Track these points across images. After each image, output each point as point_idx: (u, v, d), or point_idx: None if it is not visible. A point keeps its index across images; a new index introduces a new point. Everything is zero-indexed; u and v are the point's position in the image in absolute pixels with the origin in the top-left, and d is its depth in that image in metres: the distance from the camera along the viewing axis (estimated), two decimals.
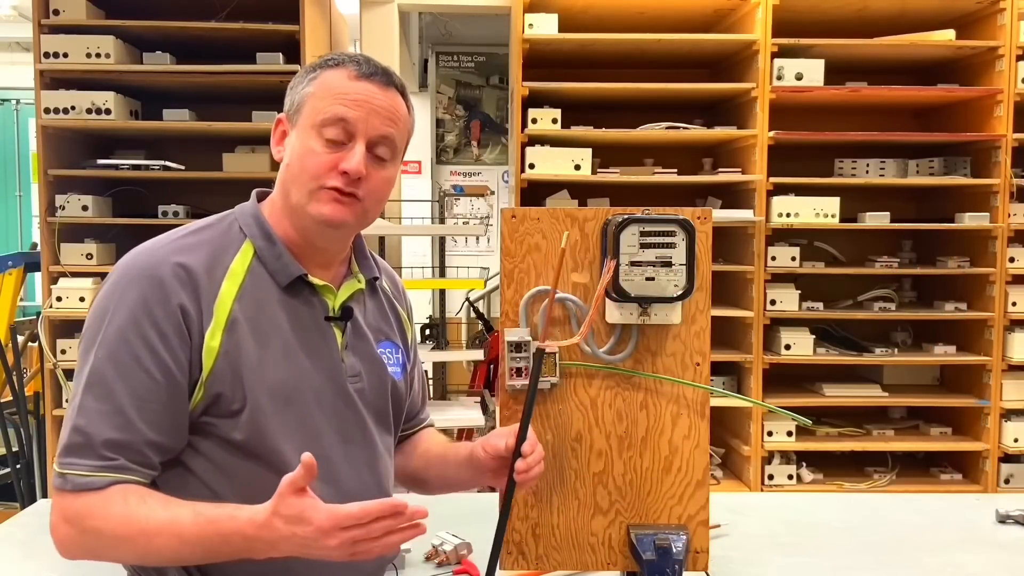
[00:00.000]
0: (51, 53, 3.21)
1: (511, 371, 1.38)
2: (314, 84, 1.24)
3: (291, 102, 1.27)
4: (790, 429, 3.41)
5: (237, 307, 1.20)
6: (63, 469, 1.14)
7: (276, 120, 1.29)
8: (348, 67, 1.24)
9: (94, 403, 1.14)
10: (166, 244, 1.22)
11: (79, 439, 1.14)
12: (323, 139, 1.21)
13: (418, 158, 6.59)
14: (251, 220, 1.27)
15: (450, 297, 3.97)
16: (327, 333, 1.28)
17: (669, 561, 1.34)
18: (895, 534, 1.84)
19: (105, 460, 1.13)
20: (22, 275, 3.80)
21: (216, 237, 1.25)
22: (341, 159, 1.21)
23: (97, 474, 1.13)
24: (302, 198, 1.23)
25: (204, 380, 1.17)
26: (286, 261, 1.25)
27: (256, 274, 1.23)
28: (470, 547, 1.65)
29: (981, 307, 3.43)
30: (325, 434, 1.25)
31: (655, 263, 1.35)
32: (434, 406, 3.60)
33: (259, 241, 1.25)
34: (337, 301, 1.30)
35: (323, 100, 1.22)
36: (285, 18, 3.26)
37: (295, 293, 1.26)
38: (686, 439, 1.41)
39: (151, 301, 1.15)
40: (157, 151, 3.56)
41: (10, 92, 7.29)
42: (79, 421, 1.14)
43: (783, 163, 3.35)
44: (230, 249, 1.24)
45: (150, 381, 1.15)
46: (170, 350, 1.16)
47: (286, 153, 1.26)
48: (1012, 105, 3.31)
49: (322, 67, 1.25)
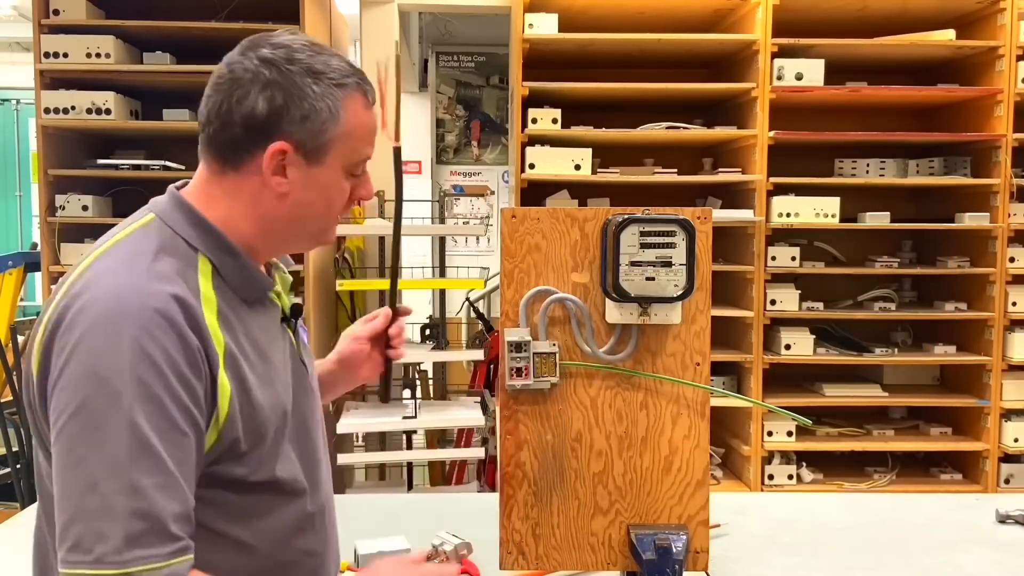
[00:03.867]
0: (51, 53, 3.21)
1: (511, 371, 1.38)
2: (343, 122, 1.11)
3: (308, 135, 1.10)
4: (790, 429, 3.41)
5: (226, 337, 1.07)
6: (130, 567, 0.94)
7: (275, 149, 1.09)
8: (360, 94, 1.14)
9: (148, 478, 0.96)
10: (144, 274, 1.04)
11: (144, 524, 0.95)
12: (350, 175, 1.16)
13: (418, 158, 6.59)
14: (195, 231, 1.11)
15: (450, 297, 3.96)
16: (285, 336, 1.22)
17: (669, 561, 1.34)
18: (895, 534, 1.84)
19: (176, 541, 0.97)
20: (22, 275, 3.80)
21: (172, 255, 1.08)
22: (355, 187, 1.18)
23: (176, 560, 0.97)
24: (321, 231, 1.19)
25: (221, 424, 1.05)
26: (254, 275, 1.15)
27: (223, 293, 1.10)
28: (470, 547, 1.65)
29: (981, 307, 3.43)
30: (310, 438, 1.23)
31: (655, 263, 1.35)
32: (434, 406, 3.60)
33: (218, 256, 1.11)
34: (284, 301, 1.23)
35: (358, 141, 1.14)
36: (285, 18, 3.26)
37: (258, 303, 1.17)
38: (686, 439, 1.41)
39: (170, 347, 1.00)
40: (157, 151, 3.56)
41: (10, 92, 7.29)
42: (139, 504, 0.95)
43: (783, 163, 3.35)
44: (190, 269, 1.08)
45: (186, 440, 1.01)
46: (195, 400, 1.02)
47: (300, 188, 1.12)
48: (1012, 105, 3.31)
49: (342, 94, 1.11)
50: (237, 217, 1.13)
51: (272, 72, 1.09)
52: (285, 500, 1.16)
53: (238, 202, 1.13)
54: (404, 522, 1.76)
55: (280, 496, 1.15)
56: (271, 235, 1.16)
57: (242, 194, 1.13)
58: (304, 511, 1.18)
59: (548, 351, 1.38)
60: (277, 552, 1.15)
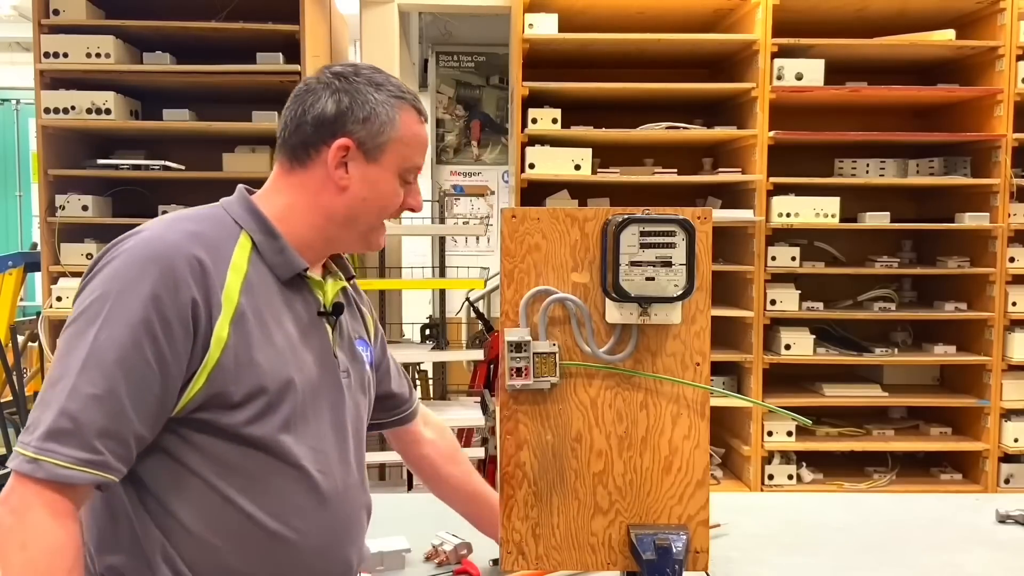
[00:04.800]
0: (51, 53, 3.21)
1: (511, 371, 1.38)
2: (399, 127, 1.28)
3: (370, 135, 1.26)
4: (790, 429, 3.41)
5: (243, 299, 1.19)
6: (39, 454, 1.06)
7: (341, 145, 1.26)
8: (416, 112, 1.31)
9: (89, 387, 1.08)
10: (175, 231, 1.19)
11: (66, 424, 1.07)
12: (403, 181, 1.30)
13: None
14: (245, 214, 1.27)
15: (450, 297, 3.97)
16: (320, 328, 1.31)
17: (669, 561, 1.34)
18: (895, 534, 1.84)
19: (92, 452, 1.08)
20: (22, 275, 3.80)
21: (214, 227, 1.24)
22: (406, 195, 1.32)
23: (80, 468, 1.07)
24: (370, 230, 1.31)
25: (209, 370, 1.15)
26: (289, 256, 1.26)
27: (257, 267, 1.23)
28: (470, 547, 1.65)
29: (981, 307, 3.43)
30: (323, 427, 1.28)
31: (655, 263, 1.35)
32: (434, 406, 3.60)
33: (258, 235, 1.25)
34: (328, 297, 1.32)
35: (411, 148, 1.29)
36: (285, 18, 3.26)
37: (293, 287, 1.27)
38: (686, 439, 1.41)
39: (163, 290, 1.12)
40: (157, 151, 3.56)
41: (10, 92, 7.29)
42: (69, 405, 1.07)
43: (783, 163, 3.35)
44: (228, 241, 1.23)
45: (148, 371, 1.11)
46: (171, 342, 1.12)
47: (358, 184, 1.27)
48: (1012, 105, 3.31)
49: (398, 104, 1.29)
50: (297, 209, 1.28)
51: (341, 82, 1.28)
52: (285, 469, 1.21)
53: (301, 195, 1.28)
54: (404, 522, 1.76)
55: (279, 463, 1.20)
56: (327, 228, 1.29)
57: (306, 188, 1.28)
58: (305, 489, 1.23)
59: (548, 351, 1.38)
60: (272, 522, 1.20)
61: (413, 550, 1.66)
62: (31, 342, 4.03)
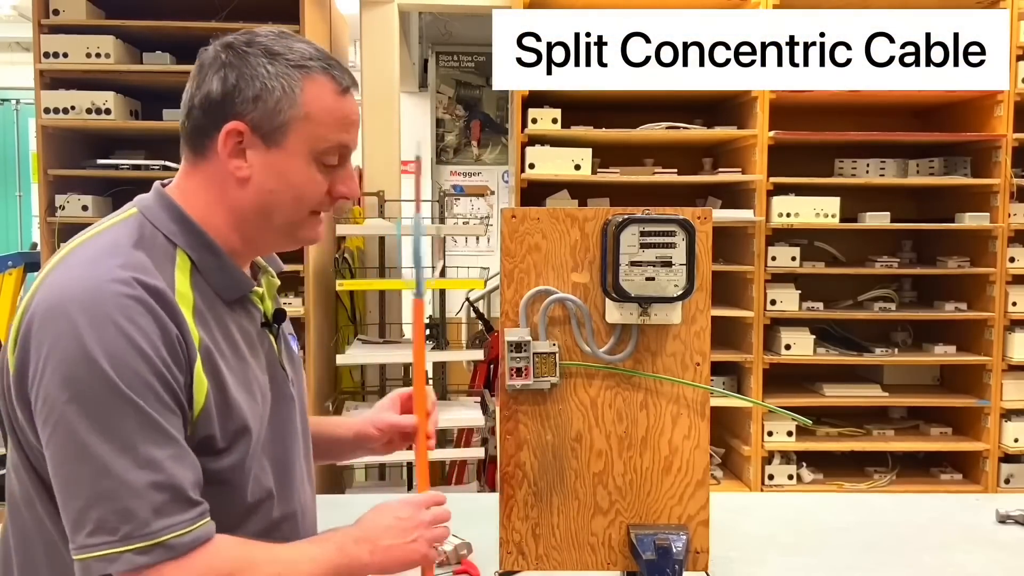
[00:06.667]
0: (51, 53, 3.21)
1: (511, 371, 1.38)
2: (301, 103, 1.09)
3: (263, 115, 1.08)
4: (790, 429, 3.41)
5: (201, 333, 1.06)
6: (158, 537, 0.96)
7: (228, 130, 1.08)
8: (327, 78, 1.11)
9: (160, 451, 0.98)
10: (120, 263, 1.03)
11: (164, 495, 0.97)
12: (321, 166, 1.12)
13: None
14: (176, 227, 1.10)
15: (450, 297, 3.97)
16: (265, 341, 1.19)
17: (669, 561, 1.34)
18: (895, 534, 1.84)
19: (197, 505, 1.00)
20: (22, 275, 3.80)
21: (151, 251, 1.07)
22: (334, 181, 1.14)
23: (201, 523, 1.00)
24: (291, 224, 1.14)
25: (194, 420, 1.04)
26: (235, 275, 1.13)
27: (201, 291, 1.09)
28: (470, 547, 1.65)
29: (981, 307, 3.43)
30: (274, 443, 1.20)
31: (655, 263, 1.35)
32: None
33: (198, 253, 1.10)
34: (267, 305, 1.21)
35: (323, 126, 1.10)
36: (285, 18, 3.26)
37: (237, 303, 1.15)
38: (686, 439, 1.41)
39: (150, 331, 1.00)
40: (157, 151, 3.56)
41: (10, 92, 7.29)
42: (155, 477, 0.96)
43: (783, 163, 3.35)
44: (166, 263, 1.07)
45: (176, 418, 1.02)
46: (177, 383, 1.02)
47: (263, 174, 1.10)
48: (1012, 105, 3.31)
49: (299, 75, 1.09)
50: (211, 210, 1.12)
51: (228, 54, 1.10)
52: (250, 507, 1.13)
53: (210, 193, 1.12)
54: None
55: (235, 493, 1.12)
56: (243, 228, 1.13)
57: (211, 183, 1.12)
58: (269, 517, 1.16)
59: (548, 351, 1.38)
60: None
61: None
62: None
